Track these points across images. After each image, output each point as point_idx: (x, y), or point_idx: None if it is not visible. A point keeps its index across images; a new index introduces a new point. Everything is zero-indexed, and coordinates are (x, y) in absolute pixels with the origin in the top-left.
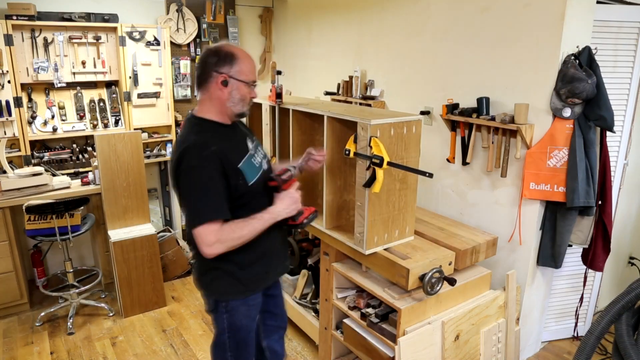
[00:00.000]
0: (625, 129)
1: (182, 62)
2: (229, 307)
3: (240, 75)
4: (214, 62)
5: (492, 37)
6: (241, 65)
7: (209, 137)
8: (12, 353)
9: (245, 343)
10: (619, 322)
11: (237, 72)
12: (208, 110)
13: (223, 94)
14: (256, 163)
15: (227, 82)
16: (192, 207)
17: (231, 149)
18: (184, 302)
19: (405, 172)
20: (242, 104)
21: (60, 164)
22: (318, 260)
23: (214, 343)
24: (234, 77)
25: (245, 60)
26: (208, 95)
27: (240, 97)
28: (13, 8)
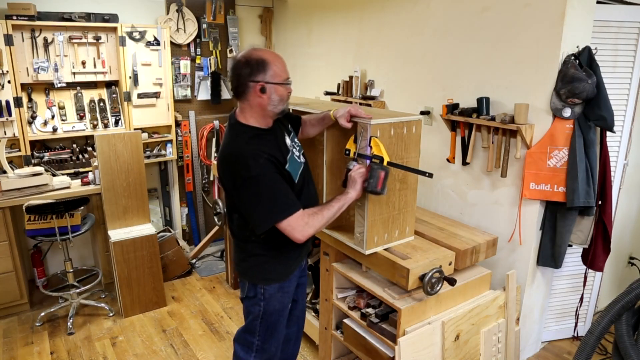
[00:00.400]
0: (625, 129)
1: (182, 62)
2: (267, 293)
3: (275, 79)
4: (247, 72)
5: (492, 37)
6: (274, 69)
7: (259, 145)
8: (12, 353)
9: (274, 329)
10: (619, 322)
11: (271, 77)
12: (250, 117)
13: (263, 100)
14: (297, 158)
15: (264, 88)
16: (267, 210)
17: (277, 153)
18: (184, 302)
19: (406, 172)
20: (282, 103)
21: (60, 164)
22: (318, 260)
23: (245, 328)
24: (270, 82)
25: (275, 62)
26: (248, 104)
27: (280, 98)
28: (13, 8)
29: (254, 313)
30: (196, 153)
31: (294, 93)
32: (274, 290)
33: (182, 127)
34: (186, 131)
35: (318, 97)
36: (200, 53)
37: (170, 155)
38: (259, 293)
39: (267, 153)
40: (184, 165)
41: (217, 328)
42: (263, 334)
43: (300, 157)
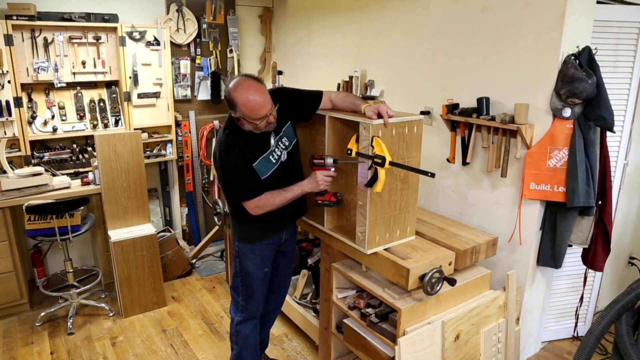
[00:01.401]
0: (625, 129)
1: (182, 62)
2: (240, 251)
3: (245, 117)
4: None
5: (492, 37)
6: (243, 111)
7: (235, 139)
8: (12, 353)
9: (251, 289)
10: (619, 322)
11: (242, 115)
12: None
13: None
14: (273, 159)
15: (238, 119)
16: (234, 191)
17: (251, 148)
18: (184, 302)
19: (407, 172)
20: (259, 130)
21: (60, 164)
22: (318, 260)
23: (232, 285)
24: (241, 118)
25: (247, 105)
26: None
27: (253, 128)
28: (13, 8)
29: (234, 269)
30: (196, 153)
31: None
32: (246, 249)
33: (182, 127)
34: (186, 131)
35: None
36: (200, 53)
37: (170, 155)
38: (235, 250)
39: (239, 147)
40: (184, 165)
41: (217, 328)
42: (244, 293)
43: (282, 156)
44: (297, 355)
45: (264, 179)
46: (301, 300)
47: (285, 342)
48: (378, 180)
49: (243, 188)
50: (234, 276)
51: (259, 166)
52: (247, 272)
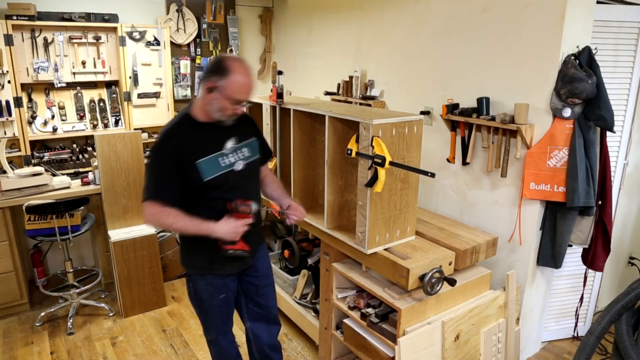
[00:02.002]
0: (625, 129)
1: (182, 62)
2: (191, 279)
3: (224, 90)
4: (211, 68)
5: (492, 37)
6: (229, 81)
7: (178, 131)
8: (12, 353)
9: (210, 315)
10: (619, 322)
11: (222, 86)
12: (196, 106)
13: (207, 98)
14: (223, 163)
15: (211, 89)
16: (145, 184)
17: (196, 145)
18: (184, 302)
19: (407, 172)
20: (221, 114)
21: (60, 164)
22: (318, 260)
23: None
24: (218, 89)
25: (236, 80)
26: (200, 94)
27: (220, 107)
28: (13, 8)
29: (189, 295)
30: None
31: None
32: (196, 277)
33: None
34: None
35: (318, 97)
36: (200, 53)
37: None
38: (187, 277)
39: (178, 140)
40: None
41: None
42: (203, 317)
43: (237, 165)
44: (297, 355)
45: (206, 180)
46: (301, 300)
47: (285, 342)
48: (378, 180)
49: (155, 186)
50: (191, 300)
51: (202, 164)
52: (200, 300)
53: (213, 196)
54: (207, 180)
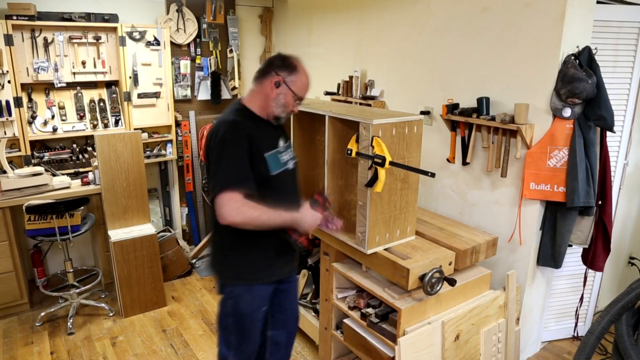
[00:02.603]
0: (625, 129)
1: (182, 62)
2: (234, 293)
3: (292, 85)
4: (278, 64)
5: (492, 37)
6: (298, 78)
7: (246, 121)
8: (12, 353)
9: (248, 331)
10: (619, 322)
11: (291, 81)
12: (253, 102)
13: (272, 93)
14: (281, 159)
15: (279, 84)
16: (220, 175)
17: (262, 137)
18: (184, 302)
19: (407, 172)
20: (283, 110)
21: (60, 164)
22: (318, 260)
23: (219, 325)
24: (287, 84)
25: (302, 77)
26: (260, 89)
27: (284, 103)
28: (13, 8)
29: (224, 311)
30: (196, 153)
31: None
32: (242, 290)
33: (182, 127)
34: (186, 131)
35: (318, 97)
36: (200, 53)
37: (170, 155)
38: (227, 292)
39: (249, 129)
40: (184, 165)
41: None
42: (237, 334)
43: (288, 163)
44: (297, 355)
45: (273, 174)
46: (301, 300)
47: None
48: (378, 180)
49: (235, 174)
50: (224, 317)
51: (269, 158)
52: (241, 314)
53: (268, 194)
54: (273, 174)
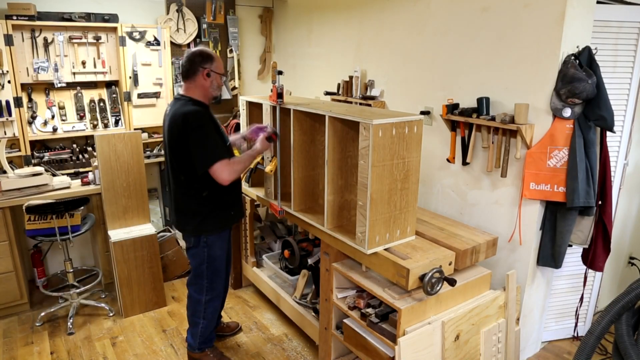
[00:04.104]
0: (625, 129)
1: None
2: (209, 241)
3: (217, 70)
4: (199, 60)
5: (492, 37)
6: (217, 63)
7: (201, 109)
8: (12, 353)
9: (219, 270)
10: (619, 322)
11: (215, 68)
12: (195, 93)
13: (207, 83)
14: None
15: (210, 74)
16: (208, 152)
17: (213, 119)
18: (184, 302)
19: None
20: (218, 90)
21: (60, 164)
22: (318, 260)
23: (194, 274)
24: (214, 71)
25: (218, 60)
26: (194, 84)
27: (217, 85)
28: (13, 8)
29: (199, 259)
30: None
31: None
32: (214, 238)
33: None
34: None
35: (318, 97)
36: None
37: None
38: (202, 242)
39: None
40: None
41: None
42: (210, 277)
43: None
44: (297, 355)
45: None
46: (301, 300)
47: (285, 342)
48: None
49: (218, 148)
50: (198, 266)
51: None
52: (214, 259)
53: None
54: (228, 144)
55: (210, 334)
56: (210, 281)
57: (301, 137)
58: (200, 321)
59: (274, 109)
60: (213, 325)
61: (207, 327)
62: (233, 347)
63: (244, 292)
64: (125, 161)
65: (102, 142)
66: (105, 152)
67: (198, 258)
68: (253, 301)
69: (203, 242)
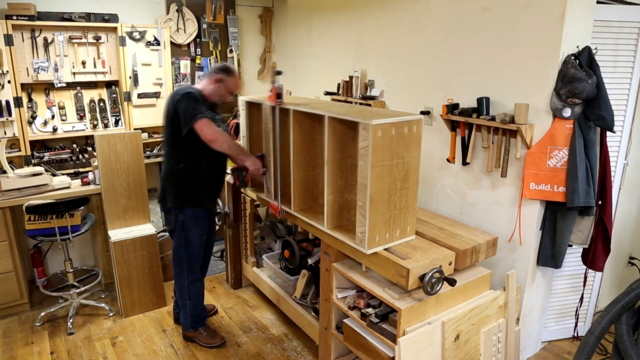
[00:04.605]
0: (625, 129)
1: (182, 62)
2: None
3: (227, 83)
4: (221, 67)
5: (492, 37)
6: (232, 79)
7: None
8: (12, 353)
9: (197, 256)
10: (619, 322)
11: (227, 81)
12: (204, 89)
13: (214, 85)
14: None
15: (219, 81)
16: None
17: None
18: None
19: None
20: (219, 98)
21: (60, 164)
22: (318, 260)
23: (174, 257)
24: (224, 82)
25: (235, 79)
26: (208, 81)
27: (220, 94)
28: (13, 8)
29: (177, 242)
30: None
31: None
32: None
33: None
34: None
35: (318, 97)
36: (200, 53)
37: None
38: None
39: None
40: None
41: (217, 328)
42: (189, 260)
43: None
44: (297, 355)
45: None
46: (301, 300)
47: (285, 342)
48: None
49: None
50: (177, 248)
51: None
52: (191, 243)
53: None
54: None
55: (201, 313)
56: (189, 264)
57: (301, 137)
58: (187, 302)
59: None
60: (201, 305)
61: (196, 306)
62: (233, 347)
63: (244, 292)
64: (125, 161)
65: (102, 142)
66: (105, 152)
67: (177, 241)
68: (253, 301)
69: (180, 223)
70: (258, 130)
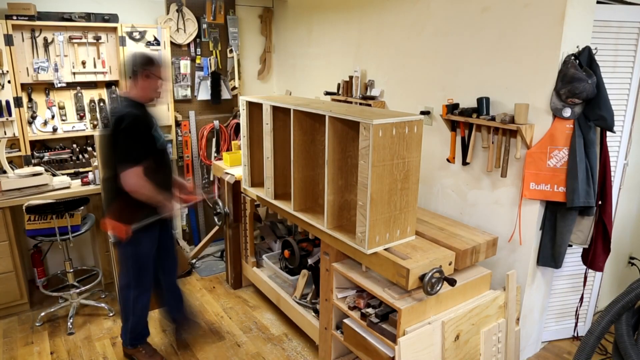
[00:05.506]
0: (625, 129)
1: (182, 62)
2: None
3: (157, 73)
4: (141, 61)
5: (492, 37)
6: (157, 67)
7: (138, 111)
8: (12, 353)
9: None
10: (619, 322)
11: (155, 71)
12: (135, 94)
13: (145, 83)
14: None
15: (148, 76)
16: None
17: (149, 119)
18: None
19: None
20: (156, 92)
21: (60, 164)
22: (318, 260)
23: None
24: (153, 74)
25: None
26: (136, 84)
27: (156, 87)
28: (13, 8)
29: (123, 255)
30: (196, 153)
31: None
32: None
33: (182, 127)
34: (186, 131)
35: (318, 97)
36: (200, 53)
37: (170, 156)
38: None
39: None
40: (184, 165)
41: (217, 328)
42: (137, 272)
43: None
44: (297, 355)
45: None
46: (301, 300)
47: (285, 342)
48: None
49: (136, 154)
50: (124, 260)
51: (155, 133)
52: (138, 255)
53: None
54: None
55: (142, 330)
56: (137, 277)
57: (301, 137)
58: (130, 317)
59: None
60: (144, 322)
61: (138, 323)
62: (233, 347)
63: (244, 292)
64: None
65: None
66: None
67: (122, 254)
68: (253, 301)
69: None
70: (258, 130)
